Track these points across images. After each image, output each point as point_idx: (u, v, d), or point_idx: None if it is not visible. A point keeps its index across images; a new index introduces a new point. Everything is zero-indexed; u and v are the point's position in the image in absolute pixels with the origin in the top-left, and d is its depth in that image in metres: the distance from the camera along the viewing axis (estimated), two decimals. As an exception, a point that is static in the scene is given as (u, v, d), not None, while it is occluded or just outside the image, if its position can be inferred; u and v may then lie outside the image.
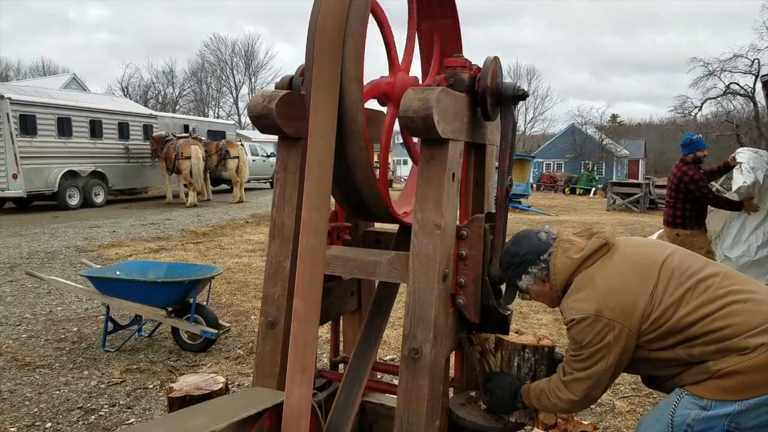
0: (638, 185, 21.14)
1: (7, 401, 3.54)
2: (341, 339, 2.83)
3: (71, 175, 14.80)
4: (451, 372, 2.52)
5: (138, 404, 3.53)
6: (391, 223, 2.45)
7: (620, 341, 1.76)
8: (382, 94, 2.23)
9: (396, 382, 2.12)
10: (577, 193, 31.02)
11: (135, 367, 4.16)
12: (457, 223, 2.20)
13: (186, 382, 2.93)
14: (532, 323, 5.24)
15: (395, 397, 2.07)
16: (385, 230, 2.76)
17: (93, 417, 3.35)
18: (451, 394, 2.45)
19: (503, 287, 2.22)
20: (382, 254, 2.15)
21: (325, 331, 3.90)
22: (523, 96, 2.17)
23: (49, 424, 3.26)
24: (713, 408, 1.70)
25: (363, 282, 2.74)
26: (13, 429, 3.19)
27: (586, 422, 2.98)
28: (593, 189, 30.98)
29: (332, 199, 2.16)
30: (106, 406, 3.50)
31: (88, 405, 3.51)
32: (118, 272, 4.76)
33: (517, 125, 2.75)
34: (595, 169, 41.55)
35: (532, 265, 1.98)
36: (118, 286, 4.45)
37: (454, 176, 2.02)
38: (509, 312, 2.24)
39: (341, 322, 3.02)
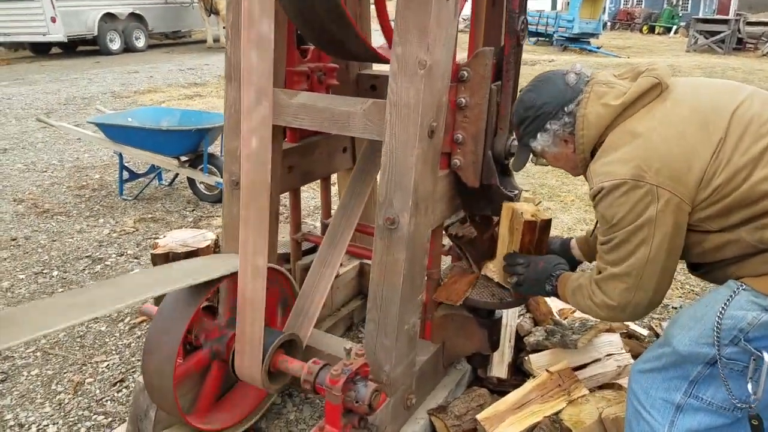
0: (726, 22, 18.39)
1: (21, 248, 3.58)
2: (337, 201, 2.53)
3: (110, 18, 14.29)
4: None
5: (145, 254, 3.47)
6: (378, 63, 1.99)
7: (667, 216, 1.29)
8: None
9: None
10: (657, 32, 27.79)
11: (150, 216, 4.10)
12: (458, 61, 1.72)
13: (173, 238, 2.77)
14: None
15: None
16: (383, 74, 2.29)
17: (99, 266, 3.33)
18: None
19: (511, 164, 1.78)
20: (358, 103, 1.72)
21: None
22: None
23: (56, 272, 3.26)
24: None
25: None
26: (22, 276, 3.22)
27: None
28: (675, 27, 27.62)
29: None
30: (113, 256, 3.47)
31: (97, 254, 3.49)
32: (129, 119, 4.53)
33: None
34: (680, 3, 36.56)
35: (552, 120, 1.48)
36: (126, 133, 4.25)
37: (445, -10, 1.49)
38: (515, 192, 1.84)
39: (337, 182, 2.72)
